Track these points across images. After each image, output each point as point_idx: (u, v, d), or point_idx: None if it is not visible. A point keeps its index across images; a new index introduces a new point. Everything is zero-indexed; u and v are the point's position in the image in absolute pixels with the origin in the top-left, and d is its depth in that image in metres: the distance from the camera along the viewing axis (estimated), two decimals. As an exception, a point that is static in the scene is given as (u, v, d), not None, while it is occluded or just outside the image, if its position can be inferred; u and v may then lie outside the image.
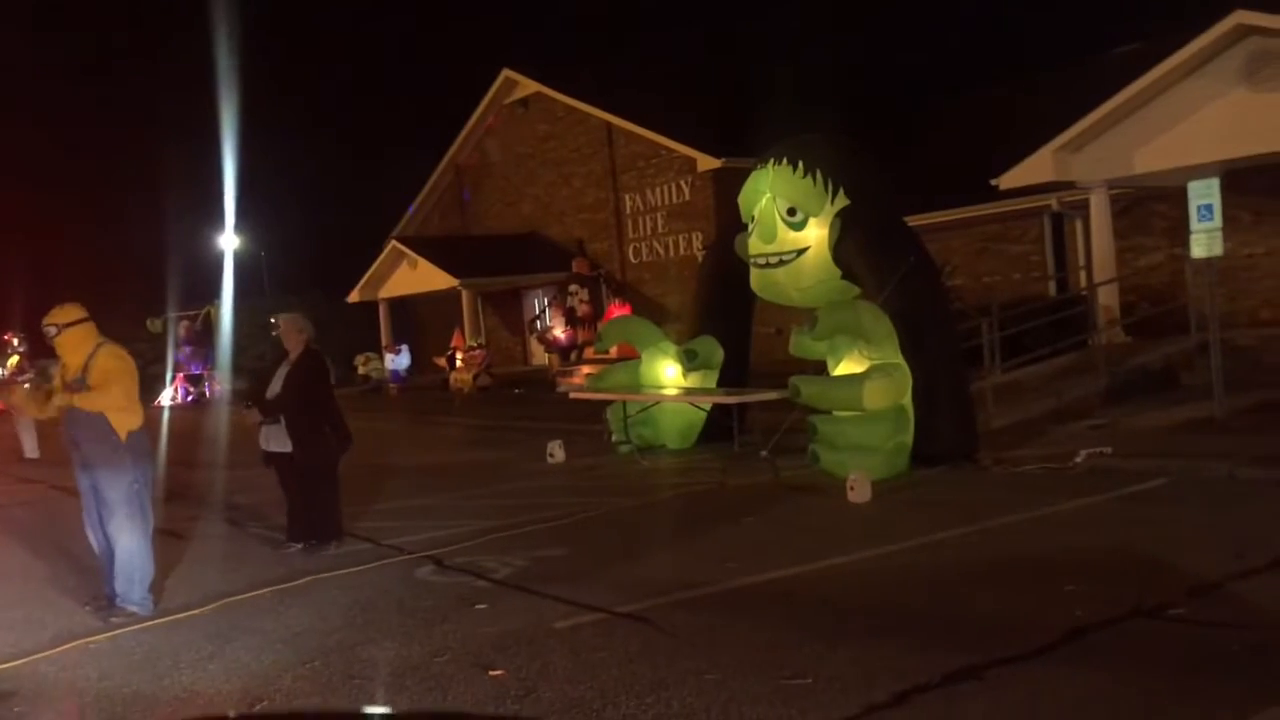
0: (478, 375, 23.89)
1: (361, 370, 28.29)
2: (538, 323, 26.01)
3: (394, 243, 28.35)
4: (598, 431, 13.28)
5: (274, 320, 8.73)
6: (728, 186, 17.61)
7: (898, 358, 10.07)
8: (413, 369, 27.91)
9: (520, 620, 6.08)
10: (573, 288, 23.55)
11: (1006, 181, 15.86)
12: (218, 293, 28.85)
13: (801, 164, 10.77)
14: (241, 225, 31.80)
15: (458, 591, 6.85)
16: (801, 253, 10.79)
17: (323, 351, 8.59)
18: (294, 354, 8.36)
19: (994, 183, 16.12)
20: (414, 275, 27.42)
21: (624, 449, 12.48)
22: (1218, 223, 10.66)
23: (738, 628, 5.70)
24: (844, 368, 10.51)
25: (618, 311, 21.24)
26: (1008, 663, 4.83)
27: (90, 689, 5.53)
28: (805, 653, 5.19)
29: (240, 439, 14.20)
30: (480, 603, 6.53)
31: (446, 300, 27.32)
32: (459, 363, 24.63)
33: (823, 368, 10.98)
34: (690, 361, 12.31)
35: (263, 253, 37.14)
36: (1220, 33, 13.25)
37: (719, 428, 12.07)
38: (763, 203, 11.03)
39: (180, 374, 27.76)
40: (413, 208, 30.77)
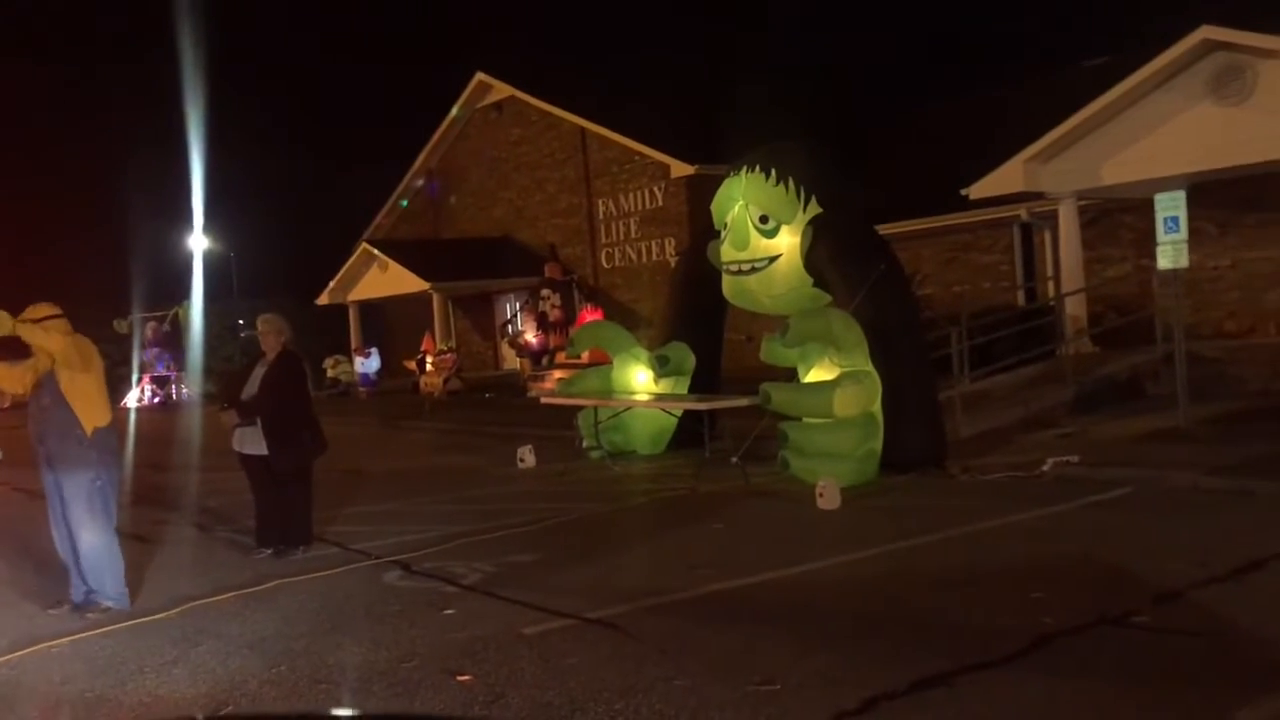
0: (448, 379, 23.79)
1: (330, 373, 28.09)
2: (509, 327, 25.95)
3: (364, 245, 28.21)
4: (569, 437, 13.26)
5: (242, 322, 8.69)
6: (701, 193, 17.68)
7: (868, 365, 10.12)
8: (382, 373, 27.75)
9: (489, 626, 6.05)
10: (545, 292, 23.51)
11: (977, 191, 16.01)
12: (186, 294, 28.60)
13: (774, 172, 10.81)
14: (211, 226, 31.51)
15: (426, 597, 6.82)
16: (774, 260, 10.83)
17: (300, 354, 8.55)
18: (271, 355, 8.30)
19: (964, 193, 16.27)
20: (384, 278, 27.29)
21: (595, 454, 12.46)
22: (1184, 235, 10.79)
23: (707, 634, 5.71)
24: (815, 375, 10.55)
25: (590, 317, 21.20)
26: (976, 670, 4.86)
27: (52, 694, 5.46)
28: (774, 659, 5.20)
29: (208, 441, 14.09)
30: (448, 608, 6.50)
31: (417, 304, 27.22)
32: (429, 367, 24.52)
33: (793, 375, 11.03)
34: (662, 367, 12.33)
35: (232, 254, 36.84)
36: (1187, 47, 13.43)
37: (690, 434, 12.08)
38: (735, 210, 11.07)
39: (147, 375, 27.50)
40: (394, 205, 30.64)
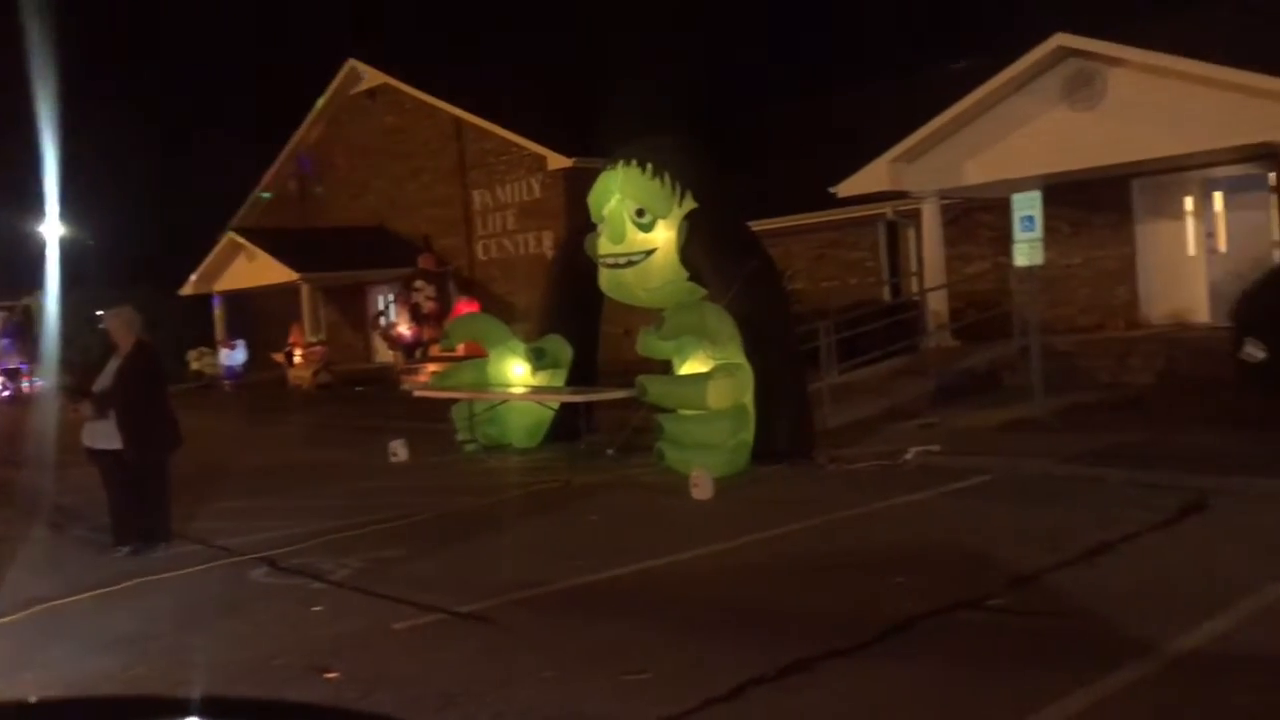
0: (318, 372, 23.28)
1: (194, 366, 27.18)
2: (382, 319, 25.51)
3: (230, 234, 27.37)
4: (443, 430, 13.11)
5: (101, 312, 8.37)
6: (578, 186, 17.63)
7: (740, 358, 10.29)
8: (249, 365, 26.99)
9: (358, 622, 5.96)
10: (419, 283, 23.21)
11: (844, 190, 16.41)
12: (40, 283, 27.26)
13: (651, 166, 10.89)
14: (69, 213, 30.06)
15: (293, 593, 6.67)
16: (650, 254, 10.91)
17: (155, 346, 8.26)
18: (125, 348, 8.01)
19: (832, 190, 16.65)
20: (252, 268, 26.52)
21: (470, 448, 12.36)
22: (1039, 233, 11.26)
23: (580, 625, 5.73)
24: (689, 367, 10.67)
25: (465, 309, 21.01)
26: (841, 655, 4.99)
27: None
28: (646, 648, 5.25)
29: (63, 436, 13.47)
30: (316, 604, 6.38)
31: (286, 294, 26.52)
32: (298, 359, 23.95)
33: (669, 367, 11.13)
34: (538, 360, 12.29)
35: (91, 242, 35.24)
36: (1042, 54, 14.01)
37: (567, 427, 12.08)
38: (612, 203, 11.11)
39: (-4, 368, 26.18)
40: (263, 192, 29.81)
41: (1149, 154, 13.63)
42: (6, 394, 25.95)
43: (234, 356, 26.51)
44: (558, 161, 22.42)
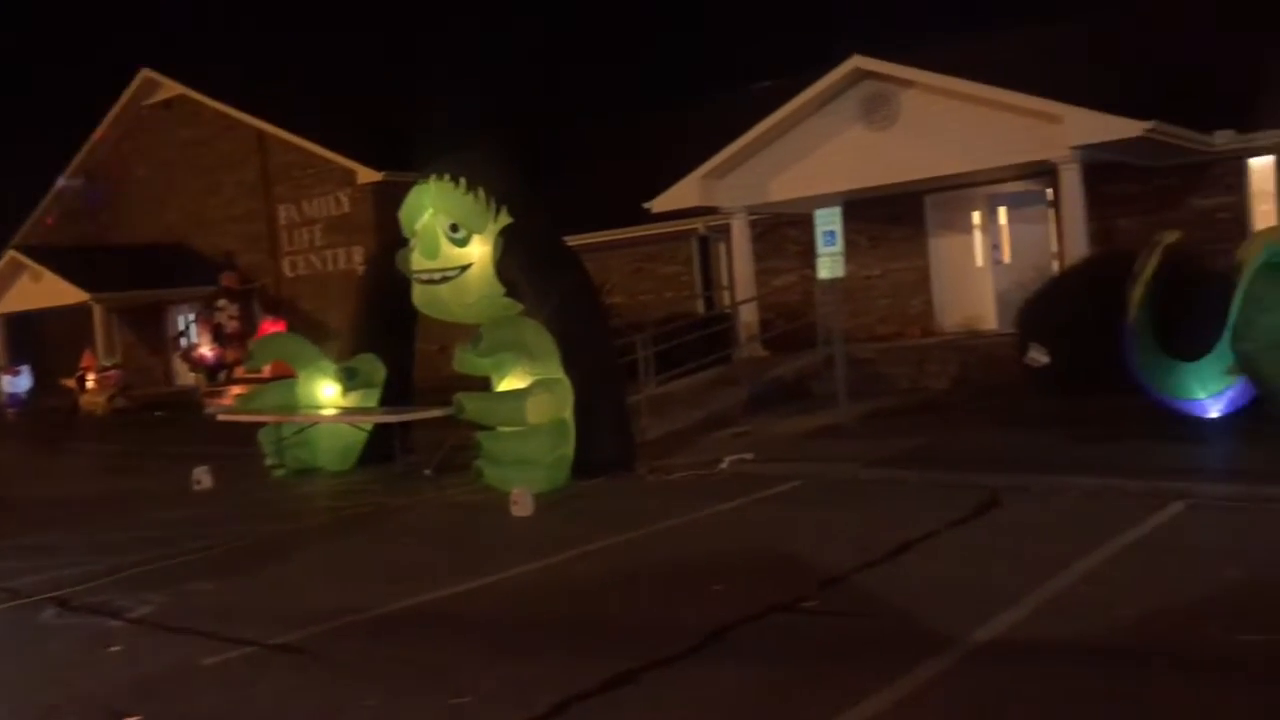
0: (113, 397, 22.04)
1: (-27, 394, 25.28)
2: (182, 340, 24.35)
3: (12, 253, 25.64)
4: (251, 456, 12.61)
5: None
6: (389, 200, 17.26)
7: (559, 373, 10.30)
8: (35, 391, 25.30)
9: (162, 661, 5.65)
10: (221, 303, 22.30)
11: (658, 205, 16.72)
12: None
13: (464, 180, 10.77)
14: None
15: (88, 634, 6.27)
16: (465, 269, 10.79)
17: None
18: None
19: (647, 206, 16.93)
20: (37, 289, 24.91)
21: (279, 473, 11.94)
22: (840, 247, 11.72)
23: (398, 650, 5.60)
24: (508, 384, 10.61)
25: (271, 328, 20.28)
26: (662, 664, 5.05)
27: None
28: (466, 671, 5.18)
29: None
30: (114, 645, 6.01)
31: (77, 316, 25.00)
32: (90, 384, 22.59)
33: (488, 384, 11.04)
34: (350, 380, 11.97)
35: None
36: (840, 75, 14.64)
37: (381, 448, 11.82)
38: (425, 218, 10.93)
39: None
40: (48, 208, 27.97)
41: (939, 171, 14.44)
42: None
43: (17, 383, 24.81)
44: (368, 175, 21.96)
